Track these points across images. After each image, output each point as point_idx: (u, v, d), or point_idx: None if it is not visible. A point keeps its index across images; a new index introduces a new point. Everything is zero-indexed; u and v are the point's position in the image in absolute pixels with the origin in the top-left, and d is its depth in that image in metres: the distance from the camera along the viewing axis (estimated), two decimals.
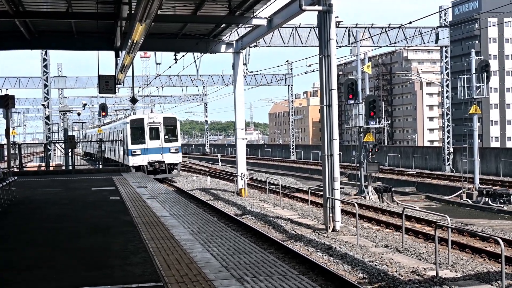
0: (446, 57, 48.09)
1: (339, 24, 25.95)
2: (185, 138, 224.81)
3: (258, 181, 43.31)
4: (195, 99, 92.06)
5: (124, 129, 43.28)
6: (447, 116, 49.16)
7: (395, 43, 42.58)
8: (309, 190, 27.77)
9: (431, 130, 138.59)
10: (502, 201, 32.33)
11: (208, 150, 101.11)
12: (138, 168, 39.10)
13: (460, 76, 39.00)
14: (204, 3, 23.58)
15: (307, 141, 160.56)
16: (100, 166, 40.90)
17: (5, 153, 27.89)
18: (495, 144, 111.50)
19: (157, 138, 41.70)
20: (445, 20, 46.57)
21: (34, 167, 45.67)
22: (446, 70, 48.52)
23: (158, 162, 41.25)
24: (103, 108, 50.38)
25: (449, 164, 49.28)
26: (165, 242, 10.77)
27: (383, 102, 59.54)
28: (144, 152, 41.18)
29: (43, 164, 43.42)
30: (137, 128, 41.93)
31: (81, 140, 75.04)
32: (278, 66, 62.98)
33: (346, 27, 39.28)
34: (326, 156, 21.37)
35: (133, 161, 40.39)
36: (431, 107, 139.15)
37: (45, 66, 50.00)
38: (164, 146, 41.67)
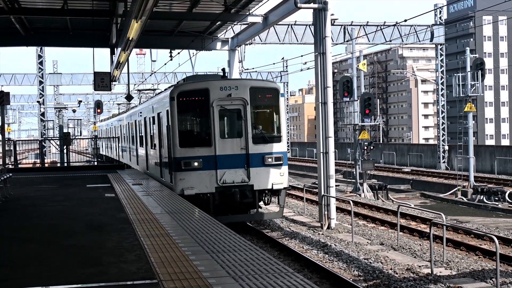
0: (441, 55, 48.21)
1: (334, 21, 25.94)
2: None
3: None
4: None
5: (160, 115, 22.34)
6: (442, 113, 49.28)
7: (390, 41, 42.68)
8: (304, 188, 27.79)
9: (426, 127, 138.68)
10: (496, 198, 32.43)
11: None
12: (195, 198, 19.01)
13: (455, 74, 39.08)
14: (200, 1, 23.59)
15: (302, 138, 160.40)
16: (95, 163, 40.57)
17: (0, 150, 27.82)
18: (490, 142, 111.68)
19: (238, 133, 20.32)
20: (440, 18, 46.64)
21: (29, 164, 45.61)
22: (441, 68, 48.64)
23: (239, 186, 19.94)
24: (98, 105, 50.31)
25: (444, 162, 49.42)
26: (160, 240, 10.76)
27: (378, 100, 59.64)
28: (209, 163, 19.88)
29: (38, 161, 43.32)
30: (193, 111, 21.04)
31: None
32: (274, 63, 62.82)
33: (342, 25, 39.34)
34: (322, 154, 21.46)
35: (185, 182, 19.81)
36: (426, 104, 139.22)
37: (41, 63, 49.95)
38: (253, 151, 20.11)
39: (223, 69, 22.83)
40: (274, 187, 20.01)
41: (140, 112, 28.89)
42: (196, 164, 19.44)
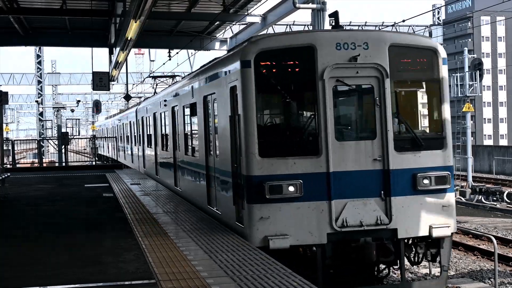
0: None
1: (333, 22, 25.92)
2: None
3: None
4: None
5: (211, 99, 13.74)
6: None
7: None
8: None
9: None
10: (495, 198, 32.38)
11: None
12: (289, 254, 10.70)
13: (453, 74, 39.06)
14: (199, 1, 23.59)
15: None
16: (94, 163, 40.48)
17: None
18: (488, 142, 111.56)
19: (368, 132, 11.36)
20: (438, 18, 46.70)
21: (27, 163, 45.60)
22: None
23: (372, 231, 10.88)
24: (96, 104, 50.30)
25: None
26: (158, 239, 10.76)
27: None
28: (315, 188, 10.83)
29: (37, 160, 43.30)
30: (285, 89, 11.38)
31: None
32: None
33: (340, 25, 39.30)
34: None
35: (270, 224, 10.68)
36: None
37: (39, 63, 49.93)
38: (396, 165, 11.04)
39: (335, 13, 14.03)
40: (433, 233, 11.07)
41: (164, 101, 20.12)
42: (291, 189, 10.64)
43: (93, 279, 8.20)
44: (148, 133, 24.87)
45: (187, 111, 16.33)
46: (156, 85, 32.39)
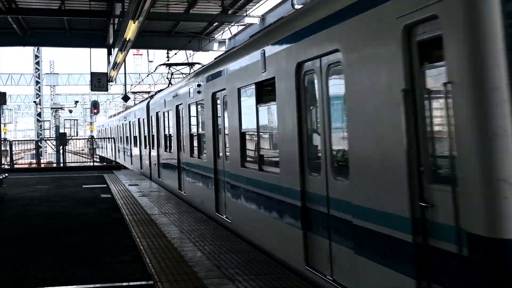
0: None
1: None
2: None
3: None
4: None
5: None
6: None
7: None
8: None
9: None
10: None
11: None
12: None
13: None
14: (197, 1, 23.59)
15: None
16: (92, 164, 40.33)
17: None
18: None
19: None
20: None
21: (25, 164, 45.58)
22: None
23: None
24: (95, 105, 50.25)
25: None
26: (156, 240, 10.75)
27: None
28: None
29: (35, 161, 43.26)
30: None
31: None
32: None
33: None
34: None
35: None
36: None
37: (37, 63, 49.89)
38: None
39: None
40: None
41: (198, 86, 14.44)
42: None
43: (90, 280, 8.19)
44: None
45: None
46: (172, 74, 28.54)
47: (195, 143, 15.49)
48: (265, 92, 9.84)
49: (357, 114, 6.33)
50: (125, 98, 34.15)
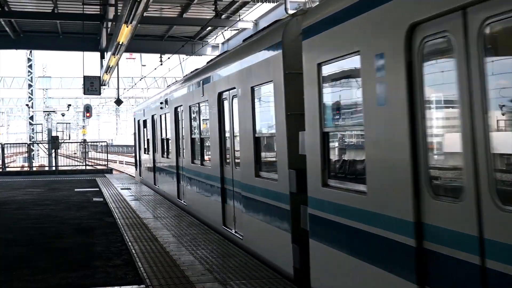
0: None
1: None
2: None
3: None
4: None
5: None
6: None
7: None
8: None
9: None
10: None
11: None
12: None
13: None
14: (190, 6, 23.61)
15: None
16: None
17: None
18: None
19: None
20: None
21: (17, 167, 45.43)
22: None
23: None
24: (87, 109, 50.17)
25: None
26: (149, 244, 10.75)
27: None
28: None
29: (27, 164, 43.13)
30: None
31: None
32: None
33: None
34: None
35: None
36: None
37: (30, 66, 49.77)
38: None
39: None
40: None
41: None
42: None
43: (82, 284, 8.18)
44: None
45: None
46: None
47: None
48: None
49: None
50: (118, 102, 34.11)
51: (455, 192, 4.56)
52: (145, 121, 23.80)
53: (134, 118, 28.04)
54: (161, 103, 19.30)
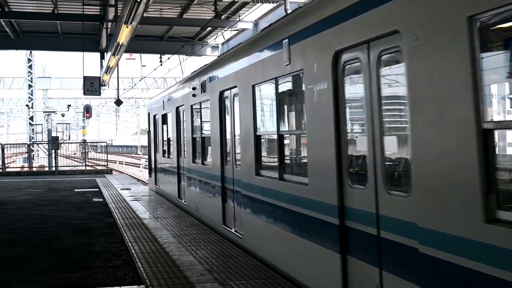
0: None
1: None
2: None
3: None
4: None
5: None
6: None
7: None
8: None
9: None
10: None
11: None
12: None
13: None
14: (190, 6, 23.62)
15: None
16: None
17: None
18: None
19: None
20: None
21: (17, 168, 45.44)
22: None
23: None
24: (87, 109, 50.18)
25: None
26: (148, 245, 10.74)
27: None
28: None
29: (26, 164, 43.13)
30: None
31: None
32: None
33: None
34: None
35: None
36: None
37: (30, 67, 49.77)
38: None
39: None
40: None
41: None
42: None
43: (81, 284, 8.17)
44: None
45: None
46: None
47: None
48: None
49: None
50: (118, 102, 34.11)
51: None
52: (165, 116, 19.87)
53: (149, 113, 23.76)
54: (194, 88, 14.69)
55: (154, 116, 22.11)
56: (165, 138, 19.99)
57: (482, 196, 4.26)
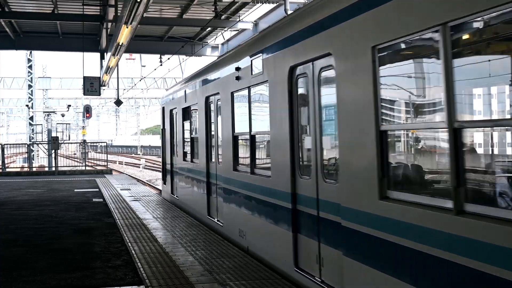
0: None
1: None
2: None
3: None
4: None
5: None
6: None
7: None
8: None
9: None
10: None
11: None
12: None
13: None
14: (190, 7, 23.62)
15: None
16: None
17: None
18: None
19: None
20: None
21: (17, 168, 45.43)
22: None
23: None
24: (87, 109, 50.18)
25: None
26: (148, 245, 10.74)
27: None
28: None
29: (26, 165, 43.13)
30: None
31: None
32: None
33: None
34: None
35: None
36: None
37: (30, 67, 49.76)
38: None
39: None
40: None
41: None
42: None
43: (81, 284, 8.17)
44: None
45: None
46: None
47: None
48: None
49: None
50: (118, 102, 34.11)
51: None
52: (186, 110, 16.75)
53: (163, 108, 20.49)
54: (237, 68, 11.09)
55: (171, 111, 18.96)
56: (187, 137, 16.76)
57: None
